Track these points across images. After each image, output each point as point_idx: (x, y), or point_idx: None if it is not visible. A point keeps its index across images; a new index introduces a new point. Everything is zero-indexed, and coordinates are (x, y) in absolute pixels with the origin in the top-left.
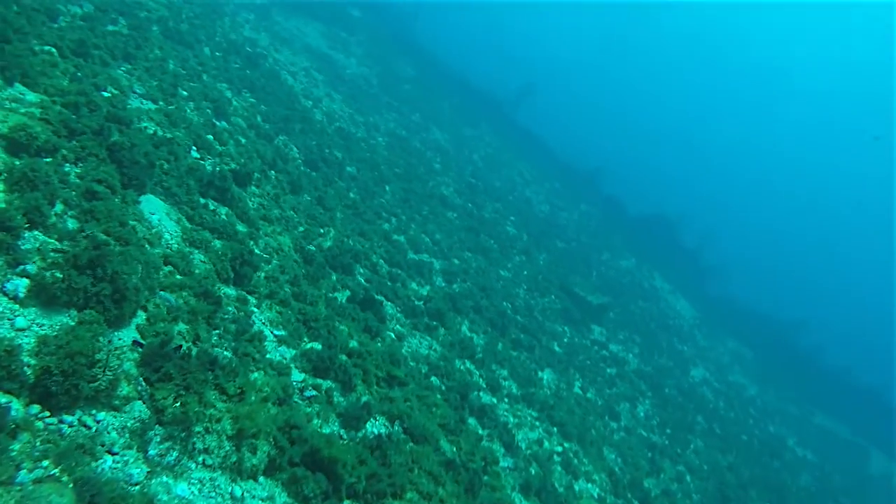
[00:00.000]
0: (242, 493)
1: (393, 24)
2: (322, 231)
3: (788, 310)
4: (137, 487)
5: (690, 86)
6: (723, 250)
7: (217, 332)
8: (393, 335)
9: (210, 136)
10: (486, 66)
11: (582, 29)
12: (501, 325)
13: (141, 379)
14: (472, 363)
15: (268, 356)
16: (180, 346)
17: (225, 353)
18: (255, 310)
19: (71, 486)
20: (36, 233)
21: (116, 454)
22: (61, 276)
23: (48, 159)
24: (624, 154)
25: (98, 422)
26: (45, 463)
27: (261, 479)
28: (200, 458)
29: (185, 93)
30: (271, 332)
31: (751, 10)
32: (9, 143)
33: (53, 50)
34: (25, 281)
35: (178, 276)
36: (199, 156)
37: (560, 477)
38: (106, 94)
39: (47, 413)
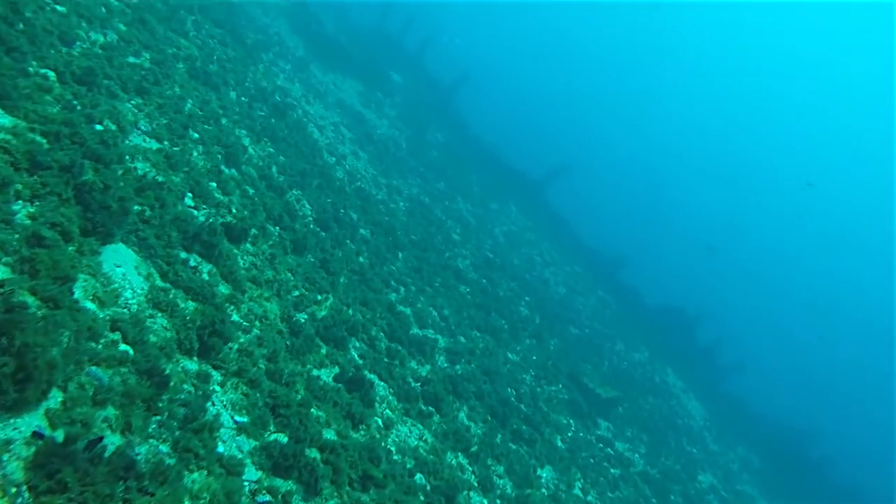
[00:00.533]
0: None
1: (432, 91)
2: (319, 298)
3: (802, 417)
4: None
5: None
6: (741, 351)
7: (158, 418)
8: (380, 421)
9: (213, 184)
10: (520, 141)
11: (624, 121)
12: (503, 414)
13: (24, 488)
14: (466, 457)
15: (219, 449)
16: (101, 437)
17: (161, 447)
18: (218, 388)
19: None
20: None
21: None
22: None
23: None
24: (650, 245)
25: None
26: None
27: None
28: None
29: (196, 135)
30: (231, 418)
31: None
32: None
33: (52, 74)
34: None
35: (123, 347)
36: (193, 204)
37: None
38: (98, 128)
39: None
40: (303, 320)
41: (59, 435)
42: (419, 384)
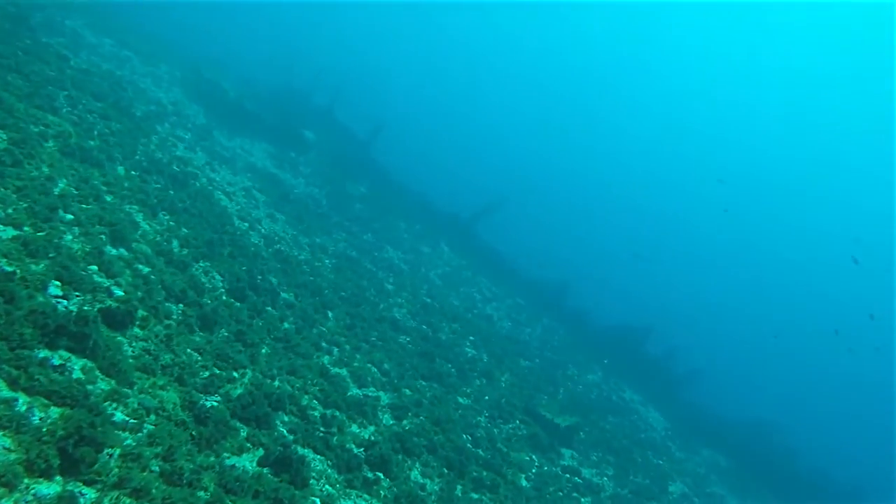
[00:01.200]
0: None
1: (348, 144)
2: (236, 374)
3: (759, 413)
4: None
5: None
6: (692, 358)
7: None
8: (318, 502)
9: (93, 267)
10: (445, 183)
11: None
12: (459, 463)
13: None
14: None
15: None
16: None
17: None
18: None
19: None
20: None
21: None
22: None
23: None
24: (588, 267)
25: None
26: None
27: None
28: None
29: (69, 216)
30: None
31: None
32: None
33: None
34: None
35: None
36: (60, 293)
37: None
38: None
39: None
40: (213, 404)
41: None
42: (362, 449)
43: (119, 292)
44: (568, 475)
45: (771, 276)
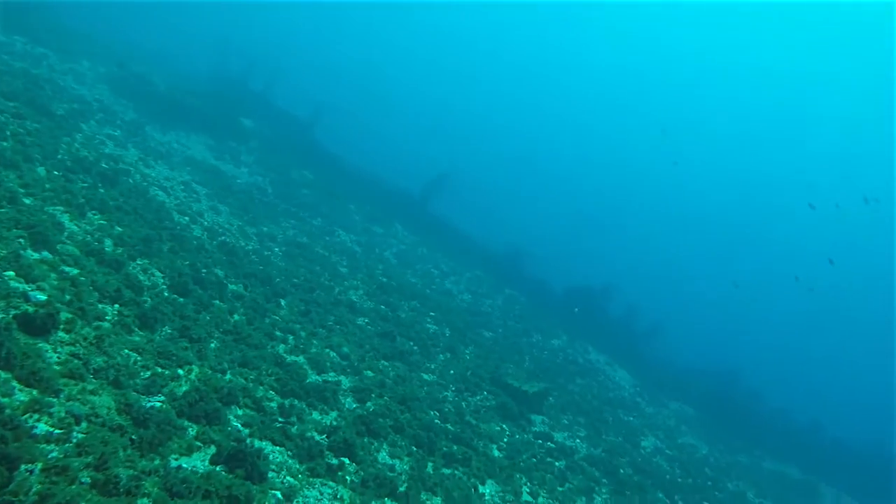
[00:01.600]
0: None
1: (289, 129)
2: (181, 372)
3: (724, 361)
4: None
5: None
6: (652, 313)
7: None
8: (279, 494)
9: (9, 273)
10: (396, 161)
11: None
12: (428, 440)
13: None
14: (394, 500)
15: None
16: None
17: None
18: None
19: None
20: None
21: None
22: None
23: None
24: (543, 231)
25: None
26: None
27: None
28: None
29: None
30: None
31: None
32: None
33: None
34: None
35: None
36: None
37: None
38: None
39: None
40: (155, 405)
41: None
42: (324, 436)
43: (40, 297)
44: (540, 441)
45: (729, 226)
